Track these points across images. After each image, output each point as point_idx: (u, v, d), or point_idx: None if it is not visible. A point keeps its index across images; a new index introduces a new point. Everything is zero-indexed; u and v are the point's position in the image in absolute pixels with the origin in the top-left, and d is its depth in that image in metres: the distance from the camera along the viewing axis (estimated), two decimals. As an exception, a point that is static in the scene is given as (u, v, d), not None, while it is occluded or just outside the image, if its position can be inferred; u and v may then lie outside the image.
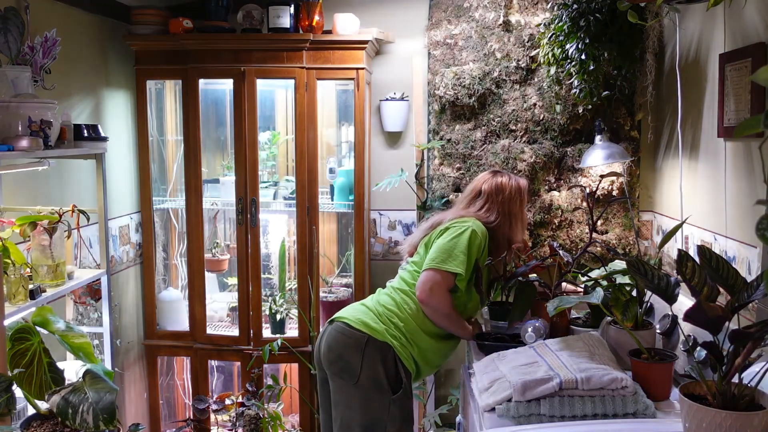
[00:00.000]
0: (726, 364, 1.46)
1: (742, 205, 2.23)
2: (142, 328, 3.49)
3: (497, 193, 2.45)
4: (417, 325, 2.32)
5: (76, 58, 2.94)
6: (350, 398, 2.28)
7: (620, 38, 2.92)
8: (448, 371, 3.53)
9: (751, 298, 1.50)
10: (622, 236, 3.33)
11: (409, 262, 2.47)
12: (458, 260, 2.28)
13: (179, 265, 3.70)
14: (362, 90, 3.21)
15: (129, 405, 3.38)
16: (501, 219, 2.43)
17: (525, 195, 2.51)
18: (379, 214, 3.61)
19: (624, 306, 2.02)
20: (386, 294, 2.42)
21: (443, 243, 2.32)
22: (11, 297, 2.17)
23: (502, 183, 2.47)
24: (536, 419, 1.74)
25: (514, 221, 2.46)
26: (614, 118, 3.30)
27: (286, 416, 3.52)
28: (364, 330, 2.28)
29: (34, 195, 2.65)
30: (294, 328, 3.40)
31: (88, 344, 2.29)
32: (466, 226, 2.34)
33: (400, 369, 2.29)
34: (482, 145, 3.41)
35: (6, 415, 1.85)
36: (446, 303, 2.29)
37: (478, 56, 3.39)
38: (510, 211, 2.45)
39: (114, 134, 3.16)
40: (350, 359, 2.27)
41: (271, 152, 3.59)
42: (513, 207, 2.45)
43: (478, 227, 2.36)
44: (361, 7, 3.44)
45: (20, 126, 2.19)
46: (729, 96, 2.28)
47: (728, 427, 1.36)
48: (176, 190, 3.65)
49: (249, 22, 3.28)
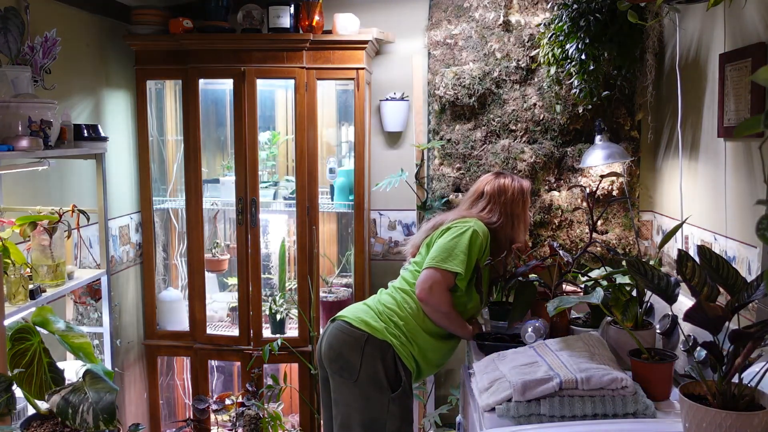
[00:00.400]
0: (726, 364, 1.46)
1: (742, 205, 2.23)
2: (142, 328, 3.49)
3: (500, 195, 2.46)
4: (417, 324, 2.33)
5: (76, 58, 2.94)
6: (350, 396, 2.29)
7: (620, 38, 2.92)
8: (448, 371, 3.53)
9: (751, 298, 1.50)
10: (622, 236, 3.33)
11: (411, 262, 2.48)
12: (458, 260, 2.29)
13: (179, 265, 3.70)
14: (362, 90, 3.21)
15: (129, 405, 3.38)
16: (503, 220, 2.44)
17: (528, 196, 2.52)
18: (379, 214, 3.61)
19: (624, 306, 2.02)
20: (387, 293, 2.43)
21: (444, 242, 2.33)
22: (11, 297, 2.17)
23: (505, 184, 2.48)
24: (536, 419, 1.74)
25: (517, 222, 2.47)
26: (614, 118, 3.30)
27: (286, 416, 3.52)
28: (364, 328, 2.29)
29: (34, 195, 2.65)
30: (294, 328, 3.40)
31: (88, 344, 2.29)
32: (468, 226, 2.35)
33: (400, 368, 2.29)
34: (482, 145, 3.41)
35: (6, 415, 1.85)
36: (446, 302, 2.29)
37: (478, 56, 3.39)
38: (512, 212, 2.46)
39: (114, 134, 3.16)
40: (350, 357, 2.28)
41: (271, 152, 3.59)
42: (515, 208, 2.47)
43: (479, 227, 2.37)
44: (361, 7, 3.43)
45: (20, 126, 2.19)
46: (729, 96, 2.28)
47: (728, 427, 1.36)
48: (176, 190, 3.65)
49: (249, 22, 3.28)
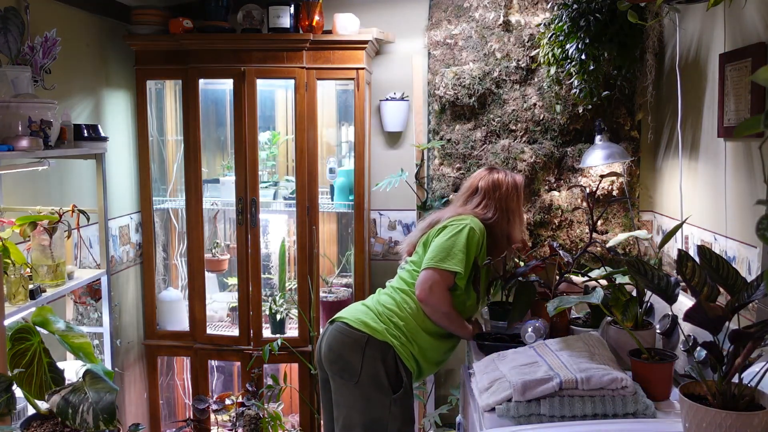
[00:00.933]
0: (726, 364, 1.46)
1: (742, 205, 2.23)
2: (142, 328, 3.48)
3: (494, 190, 2.45)
4: (417, 324, 2.32)
5: (76, 58, 2.94)
6: (351, 398, 2.28)
7: (620, 38, 2.92)
8: (448, 371, 3.53)
9: (751, 298, 1.50)
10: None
11: (408, 261, 2.47)
12: (457, 258, 2.28)
13: (179, 265, 3.70)
14: (362, 90, 3.21)
15: (129, 405, 3.38)
16: (498, 215, 2.43)
17: (521, 191, 2.51)
18: (379, 214, 3.61)
19: (624, 306, 2.02)
20: (386, 294, 2.42)
21: (442, 242, 2.32)
22: (11, 297, 2.17)
23: (499, 179, 2.47)
24: (536, 419, 1.74)
25: (512, 217, 2.46)
26: (614, 118, 3.30)
27: (286, 416, 3.52)
28: (364, 330, 2.29)
29: (34, 195, 2.65)
30: (294, 328, 3.40)
31: (88, 344, 2.28)
32: (464, 223, 2.34)
33: (401, 368, 2.29)
34: (482, 145, 3.41)
35: (6, 415, 1.85)
36: (446, 302, 2.29)
37: (478, 56, 3.38)
38: (507, 208, 2.45)
39: (114, 134, 3.16)
40: (350, 359, 2.27)
41: (271, 152, 3.59)
42: (510, 203, 2.46)
43: (476, 224, 2.36)
44: (361, 7, 3.43)
45: (20, 126, 2.19)
46: (729, 96, 2.28)
47: (728, 427, 1.36)
48: (176, 190, 3.65)
49: (249, 22, 3.28)
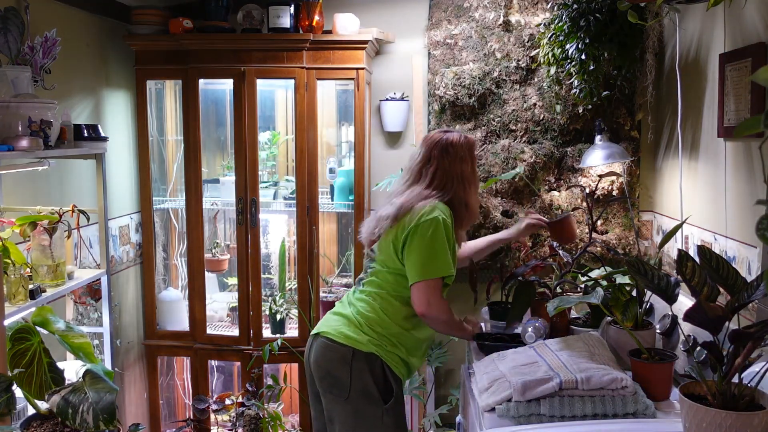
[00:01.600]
0: (726, 364, 1.46)
1: (742, 205, 2.23)
2: (142, 328, 3.48)
3: (446, 157, 2.31)
4: (400, 327, 2.28)
5: (76, 58, 2.94)
6: (343, 414, 2.26)
7: (620, 38, 2.92)
8: (448, 371, 3.53)
9: (751, 298, 1.50)
10: (622, 236, 3.33)
11: (377, 261, 2.35)
12: (441, 260, 2.21)
13: (179, 265, 3.70)
14: (362, 90, 3.21)
15: (129, 405, 3.38)
16: (456, 185, 2.31)
17: (475, 154, 2.38)
18: (379, 214, 3.60)
19: (624, 306, 2.02)
20: (363, 301, 2.33)
21: (421, 248, 2.20)
22: (11, 297, 2.17)
23: (452, 141, 2.33)
24: (536, 419, 1.74)
25: (467, 184, 2.33)
26: (614, 118, 3.30)
27: (286, 416, 3.52)
28: (348, 343, 2.24)
29: (34, 195, 2.65)
30: (294, 328, 3.40)
31: (88, 344, 2.28)
32: (433, 217, 2.21)
33: (389, 376, 2.26)
34: (482, 145, 3.41)
35: (6, 415, 1.85)
36: (445, 309, 2.25)
37: (478, 56, 3.38)
38: (462, 174, 2.32)
39: (114, 134, 3.16)
40: (338, 374, 2.24)
41: (271, 152, 3.59)
42: (465, 168, 2.33)
43: (442, 210, 2.24)
44: (361, 7, 3.43)
45: (20, 126, 2.19)
46: (729, 96, 2.28)
47: (728, 427, 1.36)
48: (176, 190, 3.65)
49: (249, 22, 3.28)
